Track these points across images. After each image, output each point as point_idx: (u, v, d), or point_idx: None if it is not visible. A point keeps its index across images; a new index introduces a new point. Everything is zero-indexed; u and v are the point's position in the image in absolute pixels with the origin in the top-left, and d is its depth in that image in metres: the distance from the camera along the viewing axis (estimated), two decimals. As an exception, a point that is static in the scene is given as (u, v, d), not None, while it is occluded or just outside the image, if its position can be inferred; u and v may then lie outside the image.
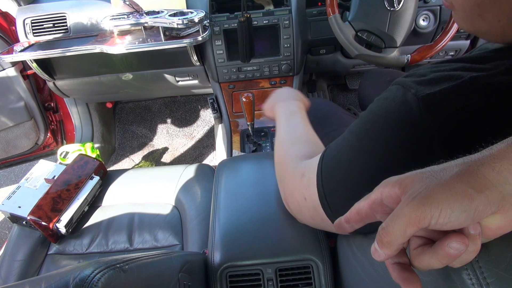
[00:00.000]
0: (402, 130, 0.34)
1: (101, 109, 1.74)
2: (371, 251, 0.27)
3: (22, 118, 1.37)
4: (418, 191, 0.24)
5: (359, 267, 0.49)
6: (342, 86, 1.88)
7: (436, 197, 0.23)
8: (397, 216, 0.25)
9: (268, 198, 0.68)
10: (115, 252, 0.86)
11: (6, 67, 1.29)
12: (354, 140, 0.41)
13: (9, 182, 1.80)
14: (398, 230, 0.25)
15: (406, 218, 0.24)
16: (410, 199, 0.24)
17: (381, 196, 0.28)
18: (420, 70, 0.37)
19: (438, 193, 0.23)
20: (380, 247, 0.26)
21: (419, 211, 0.24)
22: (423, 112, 0.32)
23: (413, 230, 0.24)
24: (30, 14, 1.15)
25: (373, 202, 0.29)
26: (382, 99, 0.39)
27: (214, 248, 0.62)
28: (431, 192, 0.24)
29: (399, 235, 0.25)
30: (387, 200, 0.27)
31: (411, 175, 0.26)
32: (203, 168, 1.01)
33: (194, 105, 1.92)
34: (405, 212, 0.24)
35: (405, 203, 0.24)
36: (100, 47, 1.03)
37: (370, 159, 0.38)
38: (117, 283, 0.37)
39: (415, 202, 0.24)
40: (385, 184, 0.28)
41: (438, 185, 0.24)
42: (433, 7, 1.12)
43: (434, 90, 0.32)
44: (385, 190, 0.27)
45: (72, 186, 0.91)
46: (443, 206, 0.23)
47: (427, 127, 0.32)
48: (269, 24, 1.13)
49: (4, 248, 0.89)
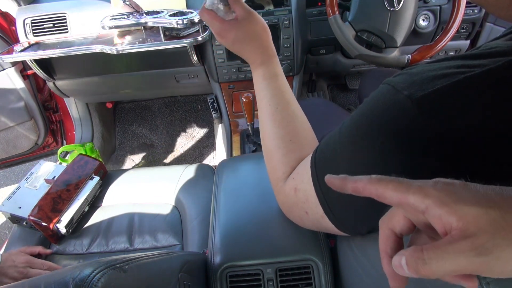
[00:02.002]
0: (397, 133, 0.33)
1: (101, 109, 1.74)
2: (394, 263, 0.24)
3: (22, 118, 1.37)
4: (484, 246, 0.21)
5: (359, 267, 0.49)
6: (342, 86, 1.88)
7: (504, 261, 0.21)
8: (448, 259, 0.21)
9: (268, 198, 0.68)
10: (115, 252, 0.86)
11: (6, 67, 1.29)
12: (349, 145, 0.40)
13: (9, 182, 1.80)
14: (443, 271, 0.22)
15: (459, 267, 0.21)
16: (473, 253, 0.21)
17: (425, 208, 0.23)
18: (413, 69, 0.35)
19: (508, 257, 0.21)
20: (410, 271, 0.22)
21: (478, 267, 0.21)
22: (418, 115, 0.31)
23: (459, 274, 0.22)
24: (30, 14, 1.15)
25: (408, 204, 0.24)
26: (373, 100, 0.37)
27: (214, 248, 0.62)
28: (500, 254, 0.21)
29: (441, 275, 0.22)
30: (433, 219, 0.23)
31: (475, 210, 0.22)
32: (203, 168, 1.01)
33: (194, 105, 1.92)
34: (460, 262, 0.21)
35: (464, 253, 0.21)
36: (100, 47, 1.03)
37: (370, 165, 0.37)
38: (117, 283, 0.37)
39: (479, 260, 0.21)
40: (438, 202, 0.23)
41: (508, 246, 0.21)
42: (433, 7, 1.12)
43: (427, 91, 0.31)
44: (436, 211, 0.23)
45: (72, 187, 0.91)
46: (507, 269, 0.21)
47: (422, 129, 0.31)
48: (269, 24, 1.13)
49: (4, 248, 0.89)
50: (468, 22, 1.18)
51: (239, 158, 0.87)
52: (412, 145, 0.32)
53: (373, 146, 0.36)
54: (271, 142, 0.56)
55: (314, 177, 0.45)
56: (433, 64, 0.34)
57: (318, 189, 0.45)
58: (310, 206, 0.47)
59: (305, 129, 0.58)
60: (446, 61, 0.34)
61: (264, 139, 0.58)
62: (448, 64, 0.33)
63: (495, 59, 0.30)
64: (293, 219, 0.57)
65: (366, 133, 0.37)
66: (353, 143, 0.39)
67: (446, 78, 0.31)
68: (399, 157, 0.33)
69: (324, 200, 0.44)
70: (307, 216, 0.49)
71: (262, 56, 0.58)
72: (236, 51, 0.60)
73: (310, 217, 0.49)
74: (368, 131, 0.37)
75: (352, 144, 0.39)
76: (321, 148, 0.46)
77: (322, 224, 0.47)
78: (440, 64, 0.33)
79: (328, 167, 0.43)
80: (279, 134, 0.55)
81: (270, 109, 0.57)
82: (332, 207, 0.44)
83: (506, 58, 0.29)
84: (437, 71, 0.32)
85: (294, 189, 0.50)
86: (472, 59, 0.32)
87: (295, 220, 0.57)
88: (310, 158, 0.47)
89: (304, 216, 0.51)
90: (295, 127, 0.56)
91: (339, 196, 0.40)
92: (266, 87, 0.58)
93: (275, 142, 0.55)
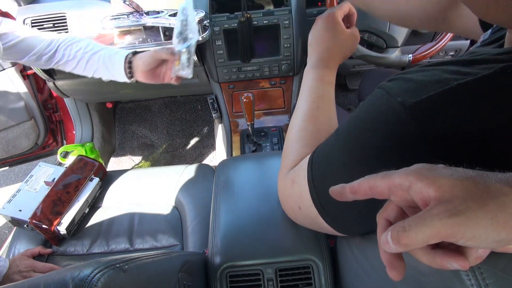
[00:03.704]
0: (390, 139, 0.34)
1: (101, 109, 1.74)
2: (381, 240, 0.25)
3: (22, 118, 1.37)
4: (457, 208, 0.23)
5: (359, 267, 0.49)
6: (342, 86, 1.88)
7: (474, 222, 0.22)
8: (425, 224, 0.23)
9: (268, 198, 0.68)
10: (115, 253, 0.86)
11: (6, 67, 1.29)
12: (343, 148, 0.40)
13: (9, 182, 1.80)
14: (421, 238, 0.23)
15: (434, 231, 0.23)
16: (445, 214, 0.23)
17: (409, 185, 0.26)
18: (406, 73, 0.36)
19: (478, 218, 0.22)
20: (394, 243, 0.24)
21: (451, 230, 0.22)
22: (411, 121, 0.31)
23: (437, 241, 0.23)
24: (30, 14, 1.15)
25: (395, 185, 0.27)
26: (368, 105, 0.38)
27: (214, 248, 0.62)
28: (470, 215, 0.22)
29: (420, 242, 0.24)
30: (415, 194, 0.26)
31: (451, 181, 0.24)
32: (203, 168, 1.01)
33: (194, 105, 1.92)
34: (435, 224, 0.23)
35: (438, 216, 0.23)
36: (100, 47, 1.03)
37: (362, 168, 0.37)
38: (117, 283, 0.37)
39: (451, 221, 0.22)
40: (418, 176, 0.25)
41: (479, 209, 0.22)
42: (433, 7, 1.12)
43: (420, 98, 0.31)
44: (417, 185, 0.25)
45: (72, 188, 0.91)
46: (478, 232, 0.22)
47: (415, 136, 0.31)
48: (269, 24, 1.13)
49: (7, 250, 0.89)
50: (468, 22, 1.18)
51: (239, 158, 0.87)
52: (404, 150, 0.33)
53: (366, 150, 0.36)
54: (297, 133, 0.59)
55: (309, 177, 0.46)
56: (427, 69, 0.35)
57: (312, 190, 0.45)
58: (304, 204, 0.48)
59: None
60: (440, 66, 0.34)
61: (291, 129, 0.61)
62: (442, 69, 0.33)
63: (488, 66, 0.31)
64: (287, 211, 0.59)
65: (360, 137, 0.38)
66: (348, 147, 0.40)
67: (439, 85, 0.31)
68: (392, 162, 0.34)
69: (318, 202, 0.45)
70: (300, 211, 0.51)
71: (334, 63, 0.65)
72: (324, 46, 0.65)
73: (303, 212, 0.50)
74: (362, 136, 0.37)
75: (346, 147, 0.40)
76: (318, 150, 0.46)
77: (316, 223, 0.48)
78: (434, 70, 0.34)
79: (323, 168, 0.44)
80: (308, 128, 0.58)
81: (312, 105, 0.60)
82: (326, 208, 0.44)
83: (497, 65, 0.30)
84: (430, 77, 0.33)
85: (292, 181, 0.51)
86: (465, 65, 0.32)
87: (289, 213, 0.59)
88: (309, 157, 0.48)
89: (297, 210, 0.52)
90: (326, 130, 0.58)
91: (335, 200, 0.41)
92: (318, 86, 0.63)
93: (301, 134, 0.58)
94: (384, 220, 0.29)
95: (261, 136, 1.18)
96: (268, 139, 1.17)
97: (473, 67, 0.32)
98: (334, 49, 0.65)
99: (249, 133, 1.12)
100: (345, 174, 0.40)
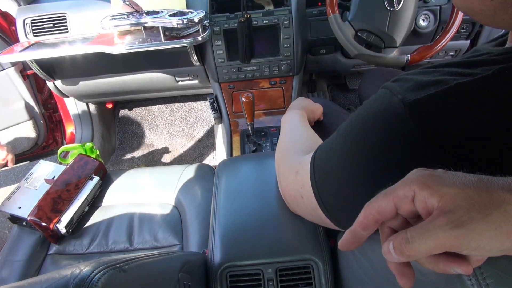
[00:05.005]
0: (389, 135, 0.34)
1: (101, 109, 1.74)
2: (383, 250, 0.25)
3: (22, 118, 1.37)
4: (460, 219, 0.22)
5: (359, 267, 0.49)
6: (342, 86, 1.88)
7: (478, 233, 0.22)
8: (428, 236, 0.23)
9: (268, 198, 0.68)
10: (115, 252, 0.86)
11: (6, 67, 1.29)
12: (343, 144, 0.41)
13: (9, 182, 1.80)
14: (425, 249, 0.23)
15: (438, 242, 0.23)
16: (449, 226, 0.22)
17: (412, 195, 0.25)
18: (409, 74, 0.36)
19: (482, 229, 0.22)
20: (397, 254, 0.24)
21: (456, 241, 0.22)
22: (409, 118, 0.32)
23: (440, 251, 0.23)
24: (30, 14, 1.15)
25: (400, 198, 0.26)
26: (370, 103, 0.39)
27: (214, 248, 0.62)
28: (474, 226, 0.22)
29: (423, 254, 0.23)
30: (419, 203, 0.25)
31: (453, 190, 0.24)
32: (203, 168, 1.01)
33: (194, 105, 1.92)
34: (439, 236, 0.22)
35: (441, 227, 0.23)
36: (100, 47, 1.03)
37: (360, 163, 0.38)
38: (117, 283, 0.37)
39: (455, 233, 0.22)
40: (421, 185, 0.25)
41: (483, 219, 0.22)
42: (433, 7, 1.12)
43: (420, 96, 0.32)
44: (421, 194, 0.25)
45: (72, 187, 0.91)
46: (483, 243, 0.22)
47: (413, 133, 0.32)
48: (269, 24, 1.13)
49: (4, 248, 0.89)
50: (468, 22, 1.18)
51: (239, 158, 0.87)
52: (402, 146, 0.33)
53: (366, 145, 0.37)
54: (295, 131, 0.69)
55: (312, 174, 0.46)
56: (428, 70, 0.35)
57: (313, 184, 0.46)
58: (306, 194, 0.49)
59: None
60: (442, 67, 0.35)
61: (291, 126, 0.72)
62: (443, 71, 0.34)
63: (487, 67, 0.31)
64: (287, 200, 0.60)
65: (360, 132, 0.38)
66: (348, 142, 0.40)
67: (439, 85, 0.32)
68: (390, 156, 0.34)
69: (319, 196, 0.46)
70: (302, 200, 0.51)
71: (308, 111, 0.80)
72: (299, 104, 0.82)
73: (305, 201, 0.50)
74: (362, 131, 0.38)
75: (347, 143, 0.41)
76: (321, 146, 0.47)
77: (317, 213, 0.48)
78: (435, 71, 0.34)
79: (324, 163, 0.45)
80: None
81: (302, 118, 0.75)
82: (325, 202, 0.45)
83: (496, 66, 0.30)
84: (431, 77, 0.33)
85: (296, 171, 0.52)
86: (465, 67, 0.33)
87: (288, 203, 0.59)
88: (313, 153, 0.49)
89: (299, 199, 0.52)
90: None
91: (333, 193, 0.43)
92: (300, 114, 0.77)
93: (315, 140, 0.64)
94: (387, 228, 0.29)
95: (261, 136, 1.18)
96: (268, 139, 1.17)
97: (474, 68, 0.32)
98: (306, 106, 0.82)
99: (249, 133, 1.12)
100: (344, 169, 0.40)
